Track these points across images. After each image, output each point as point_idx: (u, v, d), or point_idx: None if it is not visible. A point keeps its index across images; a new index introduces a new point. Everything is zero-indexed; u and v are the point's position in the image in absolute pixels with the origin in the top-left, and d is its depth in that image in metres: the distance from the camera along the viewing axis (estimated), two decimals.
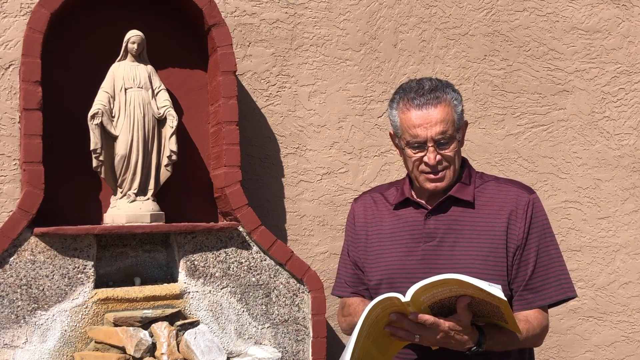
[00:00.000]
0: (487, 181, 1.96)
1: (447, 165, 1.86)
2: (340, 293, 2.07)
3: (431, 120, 1.81)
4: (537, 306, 1.86)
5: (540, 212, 1.89)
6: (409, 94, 1.85)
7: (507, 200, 1.89)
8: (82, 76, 2.58)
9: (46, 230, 2.31)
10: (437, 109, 1.81)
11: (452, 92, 1.86)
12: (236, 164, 2.61)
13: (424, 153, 1.84)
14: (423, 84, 1.86)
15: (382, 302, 1.63)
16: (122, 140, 2.48)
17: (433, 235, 1.89)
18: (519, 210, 1.87)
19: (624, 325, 3.50)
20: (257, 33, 2.95)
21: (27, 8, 2.60)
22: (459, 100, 1.87)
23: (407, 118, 1.84)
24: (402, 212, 1.96)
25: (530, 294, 1.86)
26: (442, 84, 1.87)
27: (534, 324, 1.83)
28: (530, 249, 1.85)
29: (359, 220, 2.04)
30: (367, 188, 3.07)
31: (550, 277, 1.87)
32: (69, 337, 2.35)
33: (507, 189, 1.92)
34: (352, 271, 2.05)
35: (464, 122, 1.91)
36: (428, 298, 1.63)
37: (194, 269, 2.53)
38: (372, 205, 2.04)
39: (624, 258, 3.51)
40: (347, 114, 3.08)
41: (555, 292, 1.87)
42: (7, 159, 2.56)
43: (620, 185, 3.51)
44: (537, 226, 1.88)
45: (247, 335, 2.59)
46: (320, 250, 3.02)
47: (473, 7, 3.31)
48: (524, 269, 1.85)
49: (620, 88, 3.54)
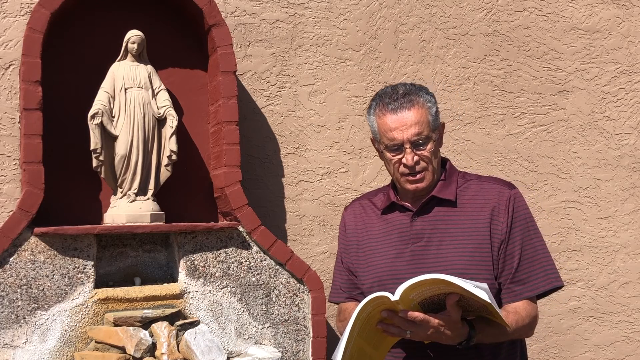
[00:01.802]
0: (469, 180, 2.01)
1: (425, 165, 1.93)
2: (336, 299, 2.13)
3: (406, 123, 1.88)
4: (525, 297, 1.90)
5: (521, 206, 1.95)
6: (384, 99, 1.92)
7: (489, 197, 1.95)
8: (82, 76, 2.58)
9: (46, 230, 2.31)
10: (411, 112, 1.88)
11: (425, 95, 1.93)
12: (236, 164, 2.61)
13: (402, 155, 1.91)
14: (397, 89, 1.93)
15: (372, 301, 1.68)
16: (122, 140, 2.48)
17: (420, 236, 1.94)
18: (501, 206, 1.92)
19: (624, 325, 3.50)
20: (257, 33, 2.95)
21: (27, 8, 2.60)
22: (432, 102, 1.93)
23: (383, 122, 1.92)
24: (389, 216, 2.02)
25: (517, 286, 1.90)
26: (416, 87, 1.94)
27: (522, 315, 1.87)
28: (514, 243, 1.90)
29: (350, 228, 2.10)
30: (367, 188, 3.08)
31: (536, 268, 1.91)
32: (69, 337, 2.36)
33: (488, 186, 1.98)
34: (346, 277, 2.10)
35: (440, 123, 1.97)
36: (417, 295, 1.67)
37: (194, 269, 2.53)
38: (361, 212, 2.09)
39: (624, 258, 3.51)
40: (347, 114, 3.08)
41: (542, 282, 1.91)
42: (7, 159, 2.56)
43: (620, 185, 3.51)
44: (519, 220, 1.92)
45: (247, 335, 2.59)
46: (320, 250, 3.02)
47: (473, 7, 3.31)
48: (510, 262, 1.90)
49: (620, 88, 3.54)
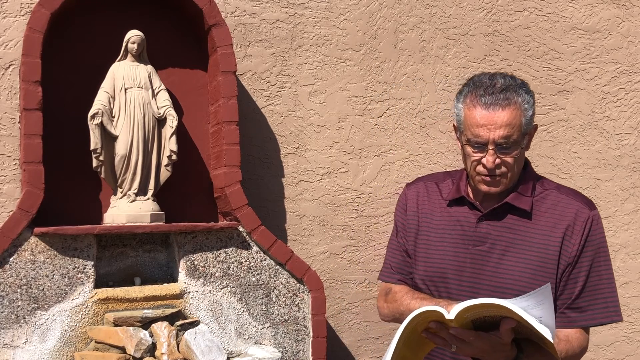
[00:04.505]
0: (547, 189, 1.85)
1: (505, 171, 1.76)
2: (387, 279, 1.98)
3: (496, 122, 1.70)
4: (580, 326, 1.78)
5: (598, 230, 1.80)
6: (478, 90, 1.74)
7: (566, 214, 1.79)
8: (82, 76, 2.58)
9: (46, 230, 2.31)
10: (505, 112, 1.70)
11: (524, 95, 1.74)
12: (236, 164, 2.61)
13: (483, 154, 1.75)
14: (495, 80, 1.75)
15: (424, 314, 1.58)
16: (122, 140, 2.48)
17: (484, 240, 1.81)
18: (577, 227, 1.77)
19: (624, 325, 3.50)
20: (257, 33, 2.95)
21: (27, 8, 2.60)
22: (530, 103, 1.75)
23: (471, 115, 1.74)
24: (454, 210, 1.88)
25: (574, 313, 1.78)
26: (516, 83, 1.75)
27: (574, 345, 1.76)
28: (581, 268, 1.77)
29: (411, 209, 1.95)
30: (367, 188, 3.08)
31: (598, 298, 1.78)
32: (69, 337, 2.36)
33: (567, 201, 1.81)
34: (400, 257, 1.96)
35: (532, 126, 1.79)
36: (472, 315, 1.57)
37: (194, 269, 2.53)
38: (424, 196, 1.94)
39: (624, 258, 3.51)
40: (347, 114, 3.08)
41: (601, 314, 1.79)
42: (7, 159, 2.56)
43: (620, 185, 3.51)
44: (592, 245, 1.78)
45: (247, 335, 2.59)
46: (320, 250, 3.02)
47: (473, 7, 3.31)
48: (572, 287, 1.77)
49: (620, 88, 3.54)
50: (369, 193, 3.07)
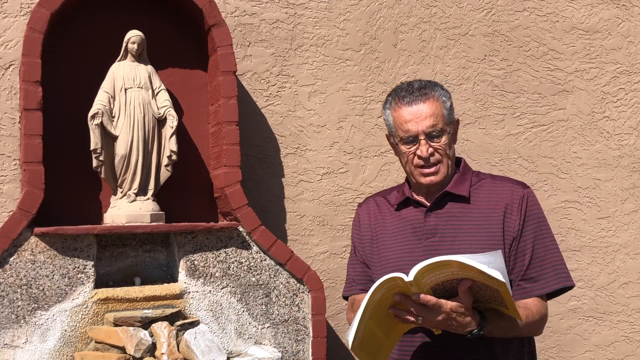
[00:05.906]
0: (483, 178, 2.04)
1: (439, 158, 1.95)
2: (349, 292, 2.13)
3: (421, 115, 1.91)
4: (536, 295, 1.92)
5: (534, 205, 1.97)
6: (399, 93, 1.97)
7: (503, 195, 1.97)
8: (82, 76, 2.59)
9: (46, 230, 2.31)
10: (426, 104, 1.92)
11: (440, 90, 1.97)
12: (236, 164, 2.61)
13: (416, 147, 1.93)
14: (412, 83, 1.98)
15: (386, 282, 1.68)
16: (122, 140, 2.48)
17: (434, 232, 1.96)
18: (514, 204, 1.94)
19: (624, 325, 3.50)
20: (257, 33, 2.95)
21: (27, 8, 2.60)
22: (447, 96, 1.97)
23: (398, 115, 1.95)
24: (403, 212, 2.04)
25: (528, 284, 1.91)
26: (431, 83, 1.99)
27: (533, 311, 1.88)
28: (526, 241, 1.92)
29: (364, 224, 2.11)
30: (367, 188, 3.08)
31: (547, 266, 1.93)
32: (69, 337, 2.36)
33: (502, 184, 2.00)
34: (360, 270, 2.10)
35: (454, 118, 2.00)
36: (430, 279, 1.68)
37: (194, 269, 2.53)
38: (375, 209, 2.11)
39: (624, 258, 3.51)
40: (347, 114, 3.08)
41: (553, 281, 1.92)
42: (7, 159, 2.56)
43: (620, 185, 3.51)
44: (531, 218, 1.94)
45: (247, 335, 2.59)
46: (320, 250, 3.02)
47: (473, 7, 3.31)
48: (521, 260, 1.92)
49: (620, 88, 3.54)
50: (369, 193, 3.07)
